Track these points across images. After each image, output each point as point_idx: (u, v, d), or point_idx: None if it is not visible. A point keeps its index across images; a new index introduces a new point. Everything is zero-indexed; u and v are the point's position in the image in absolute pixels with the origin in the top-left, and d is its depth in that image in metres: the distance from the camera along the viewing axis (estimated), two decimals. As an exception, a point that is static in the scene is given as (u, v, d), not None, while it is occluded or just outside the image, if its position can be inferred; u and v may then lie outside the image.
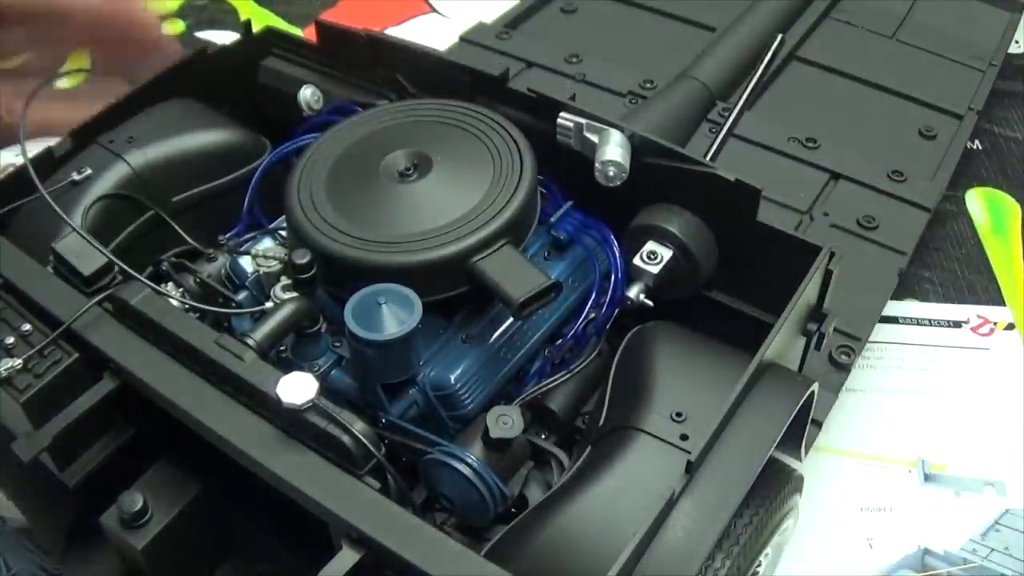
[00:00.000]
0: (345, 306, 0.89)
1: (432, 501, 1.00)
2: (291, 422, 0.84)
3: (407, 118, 1.13)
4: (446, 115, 1.12)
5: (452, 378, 0.98)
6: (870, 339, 1.24)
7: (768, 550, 1.00)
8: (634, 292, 1.06)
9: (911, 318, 1.47)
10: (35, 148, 1.13)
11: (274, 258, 1.07)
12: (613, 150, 1.06)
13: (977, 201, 1.66)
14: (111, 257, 0.96)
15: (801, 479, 1.04)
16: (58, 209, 1.04)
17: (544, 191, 1.11)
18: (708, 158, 1.31)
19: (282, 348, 0.99)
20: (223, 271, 1.09)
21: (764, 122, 1.50)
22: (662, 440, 0.92)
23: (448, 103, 1.14)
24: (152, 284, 0.96)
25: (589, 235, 1.11)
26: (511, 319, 1.03)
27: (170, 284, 1.08)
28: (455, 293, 0.99)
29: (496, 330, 1.03)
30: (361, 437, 0.81)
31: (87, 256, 0.95)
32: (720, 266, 1.10)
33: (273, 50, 1.34)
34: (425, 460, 0.95)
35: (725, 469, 0.84)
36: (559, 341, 1.08)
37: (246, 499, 1.05)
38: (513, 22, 1.77)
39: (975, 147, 1.75)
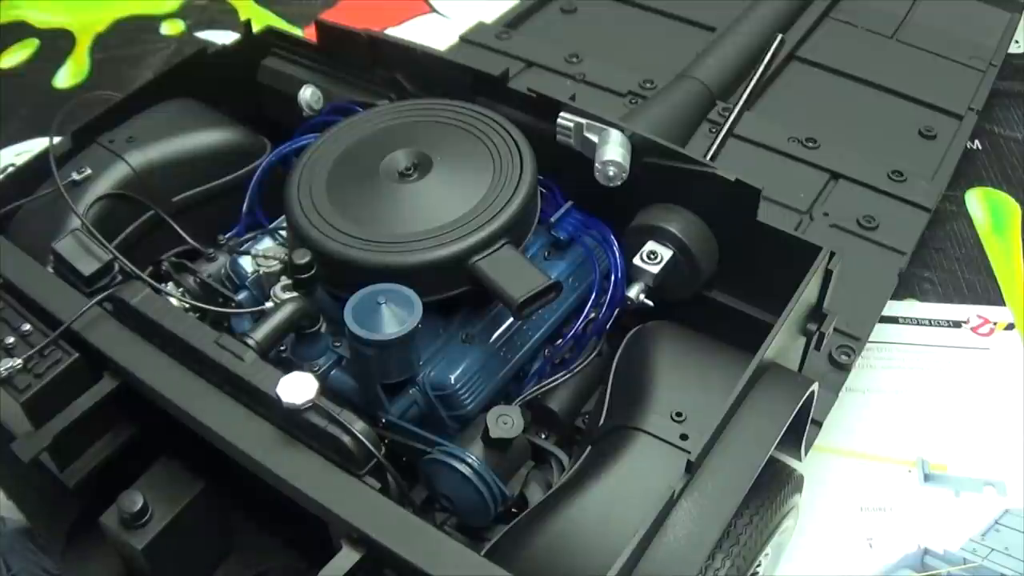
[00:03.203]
0: (345, 306, 0.89)
1: (432, 501, 1.00)
2: (291, 422, 0.84)
3: (407, 118, 1.13)
4: (446, 115, 1.12)
5: (452, 378, 0.98)
6: (870, 339, 1.24)
7: (768, 550, 1.00)
8: (634, 292, 1.06)
9: (911, 318, 1.47)
10: (35, 147, 1.13)
11: (274, 258, 1.07)
12: (613, 150, 1.06)
13: (977, 201, 1.66)
14: (116, 254, 0.96)
15: (801, 479, 1.04)
16: (70, 201, 1.04)
17: (544, 191, 1.11)
18: (708, 158, 1.31)
19: (282, 348, 0.99)
20: (223, 271, 1.09)
21: (764, 122, 1.50)
22: (662, 440, 0.92)
23: (448, 103, 1.14)
24: (153, 283, 0.96)
25: (589, 235, 1.11)
26: (511, 319, 1.03)
27: (170, 284, 1.08)
28: (455, 293, 0.99)
29: (496, 330, 1.03)
30: (361, 437, 0.81)
31: (87, 256, 0.95)
32: (720, 266, 1.10)
33: (273, 50, 1.34)
34: (425, 460, 0.95)
35: (725, 469, 0.84)
36: (559, 341, 1.08)
37: (246, 498, 1.06)
38: (513, 22, 1.77)
39: (975, 147, 1.75)
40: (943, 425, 1.33)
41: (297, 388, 0.81)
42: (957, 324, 1.46)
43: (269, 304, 1.01)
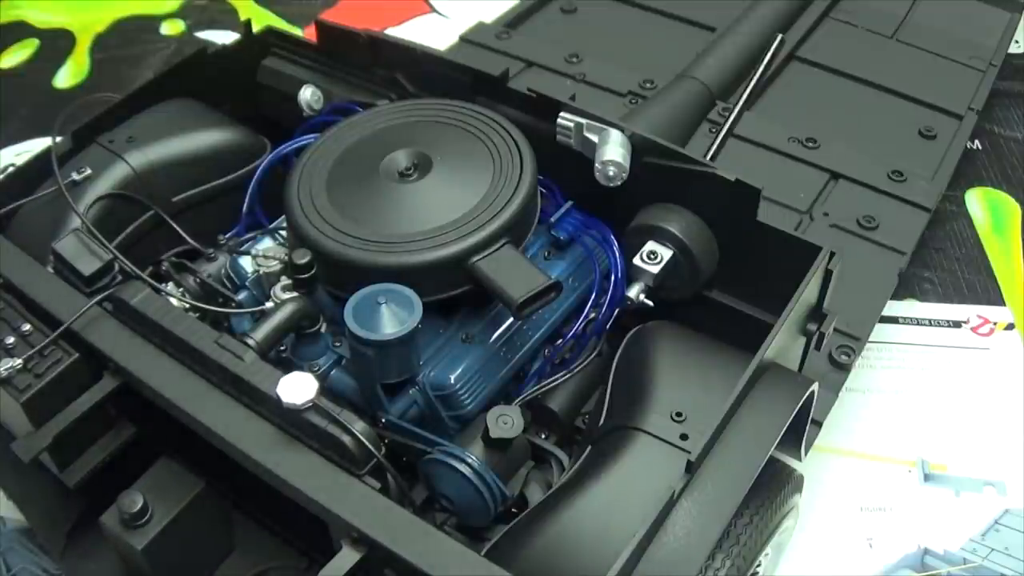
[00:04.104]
0: (345, 306, 0.89)
1: (432, 501, 1.00)
2: (291, 422, 0.84)
3: (407, 118, 1.13)
4: (446, 115, 1.12)
5: (452, 378, 0.98)
6: (870, 339, 1.24)
7: (768, 550, 1.00)
8: (634, 292, 1.06)
9: (911, 318, 1.47)
10: (35, 147, 1.13)
11: (274, 258, 1.07)
12: (613, 150, 1.06)
13: (977, 201, 1.66)
14: (116, 254, 0.96)
15: (801, 479, 1.04)
16: (71, 201, 1.04)
17: (544, 191, 1.11)
18: (708, 158, 1.31)
19: (282, 348, 0.99)
20: (223, 271, 1.09)
21: (764, 122, 1.50)
22: (662, 440, 0.92)
23: (448, 103, 1.14)
24: (153, 283, 0.96)
25: (589, 235, 1.11)
26: (511, 319, 1.03)
27: (170, 284, 1.08)
28: (455, 293, 0.99)
29: (496, 330, 1.03)
30: (361, 437, 0.81)
31: (87, 256, 0.95)
32: (720, 266, 1.10)
33: (273, 50, 1.34)
34: (425, 460, 0.95)
35: (725, 469, 0.84)
36: (559, 341, 1.08)
37: (246, 498, 1.06)
38: (513, 22, 1.77)
39: (975, 147, 1.75)
40: (943, 425, 1.33)
41: (297, 388, 0.81)
42: (957, 324, 1.46)
43: (269, 304, 1.01)
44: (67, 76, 2.00)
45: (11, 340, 0.92)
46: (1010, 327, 1.46)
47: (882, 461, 1.29)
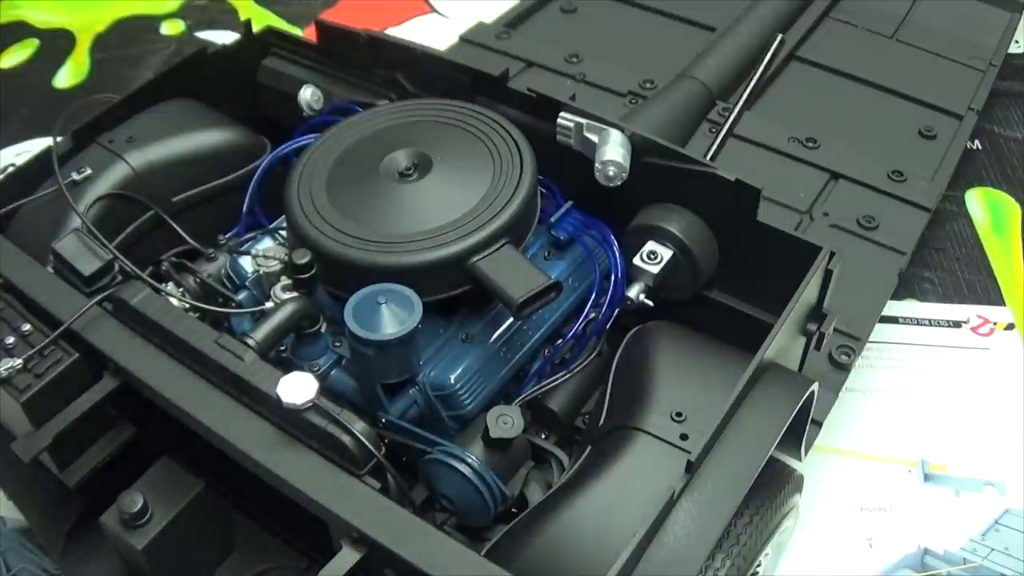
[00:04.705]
0: (345, 306, 0.89)
1: (432, 501, 1.00)
2: (291, 422, 0.84)
3: (407, 118, 1.13)
4: (446, 115, 1.12)
5: (452, 378, 0.98)
6: (870, 339, 1.24)
7: (768, 550, 1.00)
8: (634, 292, 1.06)
9: (911, 318, 1.47)
10: (35, 147, 1.13)
11: (274, 258, 1.07)
12: (613, 150, 1.06)
13: (977, 201, 1.66)
14: (116, 254, 0.96)
15: (801, 479, 1.04)
16: (71, 201, 1.04)
17: (544, 191, 1.11)
18: (708, 158, 1.31)
19: (282, 348, 0.99)
20: (223, 271, 1.09)
21: (764, 122, 1.50)
22: (662, 440, 0.92)
23: (448, 103, 1.14)
24: (153, 283, 0.96)
25: (589, 235, 1.11)
26: (511, 319, 1.03)
27: (170, 284, 1.08)
28: (455, 293, 0.99)
29: (496, 330, 1.03)
30: (361, 437, 0.81)
31: (87, 256, 0.95)
32: (720, 266, 1.10)
33: (273, 50, 1.34)
34: (425, 460, 0.95)
35: (725, 469, 0.84)
36: (559, 341, 1.08)
37: (247, 498, 1.06)
38: (513, 22, 1.77)
39: (975, 147, 1.75)
40: (943, 425, 1.33)
41: (297, 388, 0.81)
42: (957, 324, 1.46)
43: (269, 304, 1.01)
44: (67, 76, 2.00)
45: (11, 340, 0.92)
46: (1010, 327, 1.46)
47: (882, 461, 1.29)
